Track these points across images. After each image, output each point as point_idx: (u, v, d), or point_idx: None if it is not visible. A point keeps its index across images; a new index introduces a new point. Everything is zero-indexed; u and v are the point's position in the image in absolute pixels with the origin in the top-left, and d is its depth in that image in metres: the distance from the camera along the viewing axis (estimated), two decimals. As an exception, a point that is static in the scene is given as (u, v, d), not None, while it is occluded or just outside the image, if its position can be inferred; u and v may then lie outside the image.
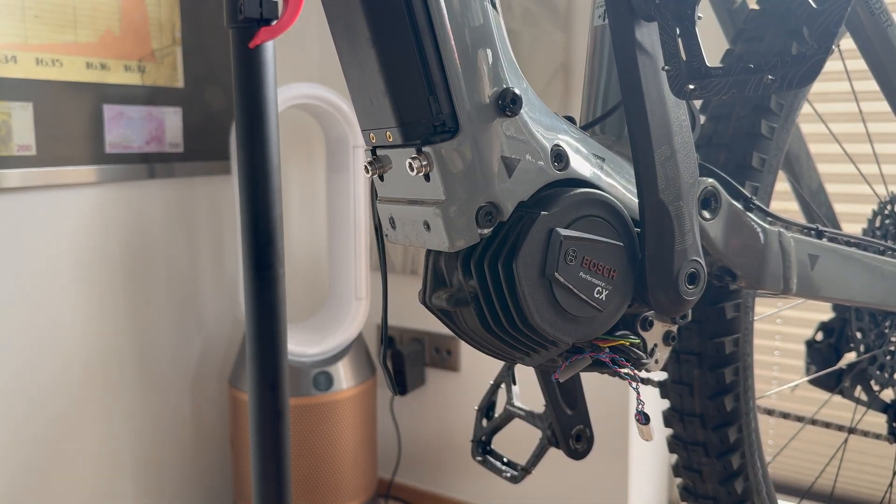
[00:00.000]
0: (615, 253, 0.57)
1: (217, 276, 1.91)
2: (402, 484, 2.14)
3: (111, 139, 1.65)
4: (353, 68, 0.56)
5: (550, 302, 0.55)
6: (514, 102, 0.54)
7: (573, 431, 0.73)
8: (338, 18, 0.55)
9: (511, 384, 0.80)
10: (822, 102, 1.59)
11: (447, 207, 0.53)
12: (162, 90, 1.74)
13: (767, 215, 0.71)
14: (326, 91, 1.70)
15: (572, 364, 0.61)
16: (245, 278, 0.92)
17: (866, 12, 0.80)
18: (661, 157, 0.58)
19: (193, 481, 1.92)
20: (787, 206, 1.57)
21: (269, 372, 0.92)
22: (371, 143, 0.58)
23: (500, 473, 0.78)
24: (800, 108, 0.79)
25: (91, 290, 1.66)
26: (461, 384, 2.02)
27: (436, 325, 1.92)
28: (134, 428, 1.77)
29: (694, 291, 0.61)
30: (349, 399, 1.78)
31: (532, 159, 0.56)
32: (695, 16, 0.54)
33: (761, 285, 0.70)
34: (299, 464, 1.73)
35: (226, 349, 1.95)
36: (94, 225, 1.65)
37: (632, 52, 0.57)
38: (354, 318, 1.81)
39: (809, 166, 1.05)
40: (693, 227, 0.61)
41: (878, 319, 1.01)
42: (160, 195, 1.77)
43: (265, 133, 0.89)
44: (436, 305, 0.58)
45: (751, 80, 0.53)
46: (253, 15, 0.85)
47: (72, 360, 1.63)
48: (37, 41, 1.51)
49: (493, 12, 0.54)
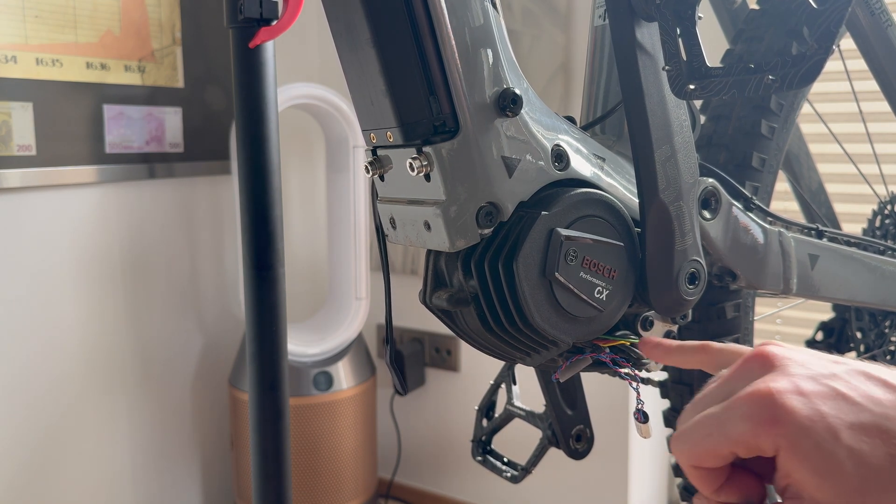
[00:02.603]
0: (615, 253, 0.57)
1: (217, 276, 1.91)
2: (402, 484, 2.14)
3: (111, 139, 1.65)
4: (354, 68, 0.56)
5: (551, 302, 0.55)
6: (514, 102, 0.54)
7: (573, 431, 0.73)
8: (338, 18, 0.55)
9: (511, 384, 0.80)
10: (822, 102, 1.59)
11: (447, 207, 0.53)
12: (162, 90, 1.74)
13: (767, 215, 0.71)
14: (326, 91, 1.70)
15: (572, 364, 0.60)
16: (245, 278, 0.92)
17: (866, 12, 0.80)
18: (662, 157, 0.58)
19: (193, 481, 1.92)
20: (787, 206, 1.57)
21: (269, 372, 0.92)
22: (371, 143, 0.58)
23: (501, 473, 0.78)
24: (800, 108, 0.79)
25: (91, 289, 1.66)
26: (461, 384, 2.02)
27: (436, 325, 1.92)
28: (134, 428, 1.77)
29: (694, 291, 0.61)
30: (349, 399, 1.78)
31: (532, 159, 0.56)
32: (695, 16, 0.54)
33: (761, 285, 0.70)
34: (299, 464, 1.73)
35: (226, 349, 1.95)
36: (94, 225, 1.65)
37: (632, 52, 0.57)
38: (354, 318, 1.81)
39: (809, 166, 1.05)
40: (693, 227, 0.61)
41: (878, 319, 1.01)
42: (160, 195, 1.77)
43: (265, 133, 0.89)
44: (436, 305, 0.58)
45: (751, 81, 0.53)
46: (253, 15, 0.85)
47: (72, 359, 1.63)
48: (37, 41, 1.51)
49: (493, 12, 0.54)
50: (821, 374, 0.39)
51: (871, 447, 0.35)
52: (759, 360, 0.41)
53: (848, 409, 0.37)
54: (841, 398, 0.37)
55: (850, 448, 0.35)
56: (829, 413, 0.36)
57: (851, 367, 0.39)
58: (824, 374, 0.39)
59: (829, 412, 0.37)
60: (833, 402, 0.37)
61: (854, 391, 0.37)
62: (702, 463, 0.39)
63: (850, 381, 0.38)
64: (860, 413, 0.37)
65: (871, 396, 0.37)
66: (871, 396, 0.37)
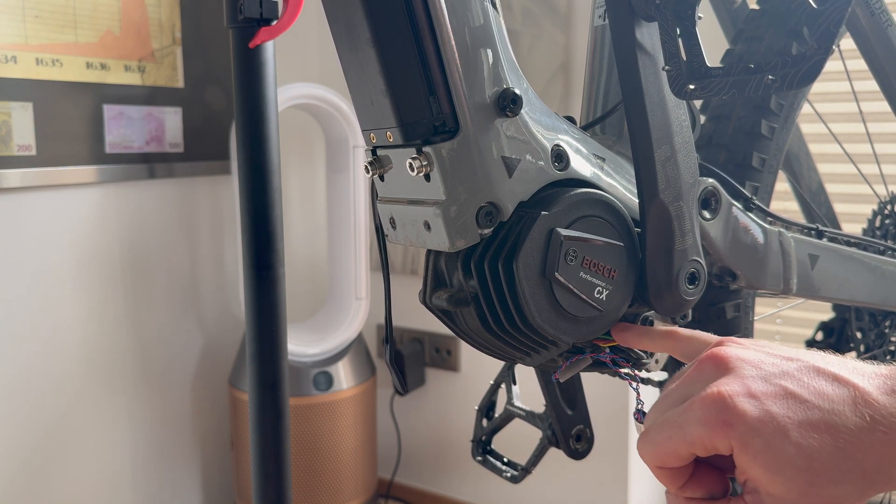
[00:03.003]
0: (615, 253, 0.57)
1: (217, 276, 1.91)
2: (402, 484, 2.14)
3: (111, 139, 1.65)
4: (354, 68, 0.56)
5: (551, 302, 0.55)
6: (514, 102, 0.54)
7: (573, 431, 0.73)
8: (338, 18, 0.55)
9: (511, 384, 0.80)
10: (822, 102, 1.59)
11: (447, 207, 0.53)
12: (162, 90, 1.74)
13: (767, 215, 0.71)
14: (326, 91, 1.70)
15: (572, 364, 0.60)
16: (245, 278, 0.92)
17: (866, 12, 0.80)
18: (662, 157, 0.58)
19: (193, 481, 1.92)
20: (787, 206, 1.57)
21: (269, 372, 0.92)
22: (371, 143, 0.58)
23: (501, 473, 0.78)
24: (800, 108, 0.79)
25: (91, 290, 1.66)
26: (461, 384, 2.02)
27: (436, 325, 1.92)
28: (134, 428, 1.77)
29: (694, 291, 0.61)
30: (349, 399, 1.78)
31: (532, 159, 0.56)
32: (695, 16, 0.54)
33: (761, 285, 0.70)
34: (299, 464, 1.73)
35: (226, 349, 1.95)
36: (94, 225, 1.65)
37: (632, 52, 0.57)
38: (354, 318, 1.81)
39: (809, 166, 1.04)
40: (693, 227, 0.61)
41: (878, 319, 1.01)
42: (160, 195, 1.77)
43: (265, 133, 0.89)
44: (436, 305, 0.58)
45: (751, 81, 0.53)
46: (253, 15, 0.85)
47: (72, 359, 1.63)
48: (37, 41, 1.51)
49: (493, 12, 0.54)
50: (772, 373, 0.40)
51: (820, 443, 0.37)
52: (714, 362, 0.43)
53: (797, 407, 0.39)
54: (791, 397, 0.39)
55: (799, 445, 0.37)
56: (779, 413, 0.38)
57: (803, 363, 0.41)
58: (775, 374, 0.40)
59: (778, 412, 0.38)
60: (783, 402, 0.39)
61: (804, 389, 0.39)
62: (665, 463, 0.43)
63: (801, 379, 0.40)
64: (809, 410, 0.38)
65: (821, 392, 0.39)
66: (821, 392, 0.39)
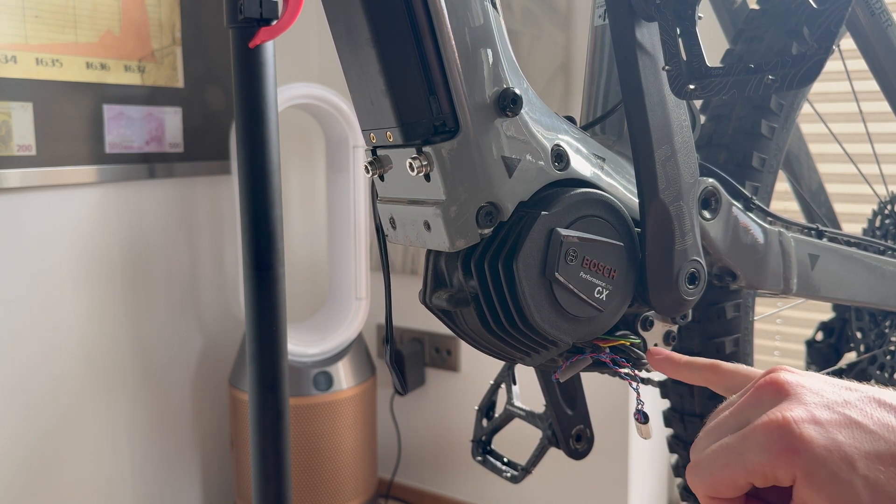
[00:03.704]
0: (615, 253, 0.57)
1: (217, 276, 1.91)
2: (402, 484, 2.14)
3: (111, 139, 1.65)
4: (354, 68, 0.56)
5: (551, 302, 0.55)
6: (514, 102, 0.54)
7: (573, 431, 0.73)
8: (338, 18, 0.55)
9: (511, 384, 0.80)
10: (822, 102, 1.59)
11: (447, 207, 0.53)
12: (162, 90, 1.74)
13: (767, 215, 0.71)
14: (326, 91, 1.70)
15: (572, 364, 0.60)
16: (245, 278, 0.92)
17: (866, 12, 0.80)
18: (662, 157, 0.58)
19: (193, 481, 1.92)
20: (787, 206, 1.57)
21: (269, 372, 0.92)
22: (371, 143, 0.58)
23: (501, 473, 0.78)
24: (800, 108, 0.79)
25: (91, 289, 1.66)
26: (461, 384, 2.02)
27: (436, 325, 1.92)
28: (134, 428, 1.77)
29: (694, 291, 0.61)
30: (349, 399, 1.78)
31: (532, 159, 0.56)
32: (695, 16, 0.54)
33: (761, 285, 0.70)
34: (299, 464, 1.73)
35: (226, 349, 1.95)
36: (94, 225, 1.65)
37: (632, 52, 0.57)
38: (354, 318, 1.81)
39: (809, 166, 1.04)
40: (693, 227, 0.61)
41: (878, 319, 1.01)
42: (160, 195, 1.77)
43: (265, 133, 0.89)
44: (436, 305, 0.58)
45: (751, 80, 0.53)
46: (253, 15, 0.85)
47: (72, 359, 1.63)
48: (37, 41, 1.51)
49: (493, 12, 0.54)
50: (835, 401, 0.38)
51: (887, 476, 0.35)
52: (772, 387, 0.40)
53: (863, 437, 0.37)
54: (856, 426, 0.37)
55: (866, 477, 0.36)
56: (845, 442, 0.36)
57: (864, 394, 0.39)
58: (838, 402, 0.38)
59: (844, 441, 0.36)
60: (848, 431, 0.37)
61: (869, 419, 0.37)
62: (719, 493, 0.40)
63: (864, 409, 0.38)
64: (875, 442, 0.36)
65: (887, 424, 0.37)
66: (887, 424, 0.37)
